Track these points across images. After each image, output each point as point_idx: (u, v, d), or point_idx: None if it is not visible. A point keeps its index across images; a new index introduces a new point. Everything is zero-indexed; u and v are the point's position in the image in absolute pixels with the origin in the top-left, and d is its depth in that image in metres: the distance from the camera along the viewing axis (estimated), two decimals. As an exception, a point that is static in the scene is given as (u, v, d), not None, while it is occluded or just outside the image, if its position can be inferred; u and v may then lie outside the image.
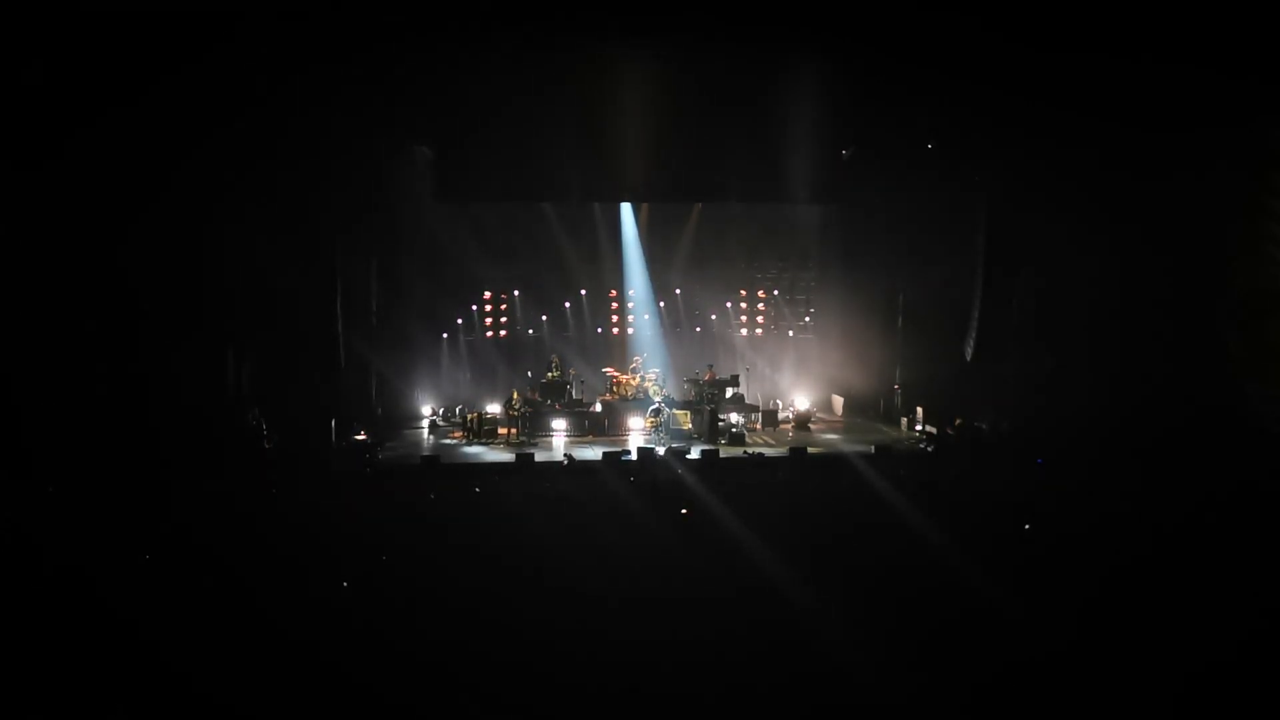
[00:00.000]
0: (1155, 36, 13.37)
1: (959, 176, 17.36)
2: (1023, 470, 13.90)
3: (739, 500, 11.59)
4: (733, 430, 17.33)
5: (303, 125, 14.96)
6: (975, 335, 17.40)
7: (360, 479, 14.01)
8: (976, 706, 6.61)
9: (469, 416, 17.79)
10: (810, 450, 15.89)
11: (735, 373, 19.03)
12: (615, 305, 21.45)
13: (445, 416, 18.99)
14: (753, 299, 21.96)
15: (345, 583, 8.62)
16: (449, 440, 17.61)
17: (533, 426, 17.61)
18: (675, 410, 17.72)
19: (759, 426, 18.61)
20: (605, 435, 17.62)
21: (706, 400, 17.92)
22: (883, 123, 17.18)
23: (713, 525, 10.86)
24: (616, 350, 20.96)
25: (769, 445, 16.80)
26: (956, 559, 9.26)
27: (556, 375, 18.68)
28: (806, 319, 21.99)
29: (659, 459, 14.88)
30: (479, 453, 16.39)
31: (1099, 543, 9.76)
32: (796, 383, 21.06)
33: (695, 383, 18.52)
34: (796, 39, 14.54)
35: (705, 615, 7.97)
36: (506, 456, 15.65)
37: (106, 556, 9.18)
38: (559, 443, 17.06)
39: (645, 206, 20.95)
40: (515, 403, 17.54)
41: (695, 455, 15.18)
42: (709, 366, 19.01)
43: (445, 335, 20.66)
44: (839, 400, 20.57)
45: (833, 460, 15.46)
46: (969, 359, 17.54)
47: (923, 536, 10.21)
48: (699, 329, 21.70)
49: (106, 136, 13.34)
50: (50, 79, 12.85)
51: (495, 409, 18.28)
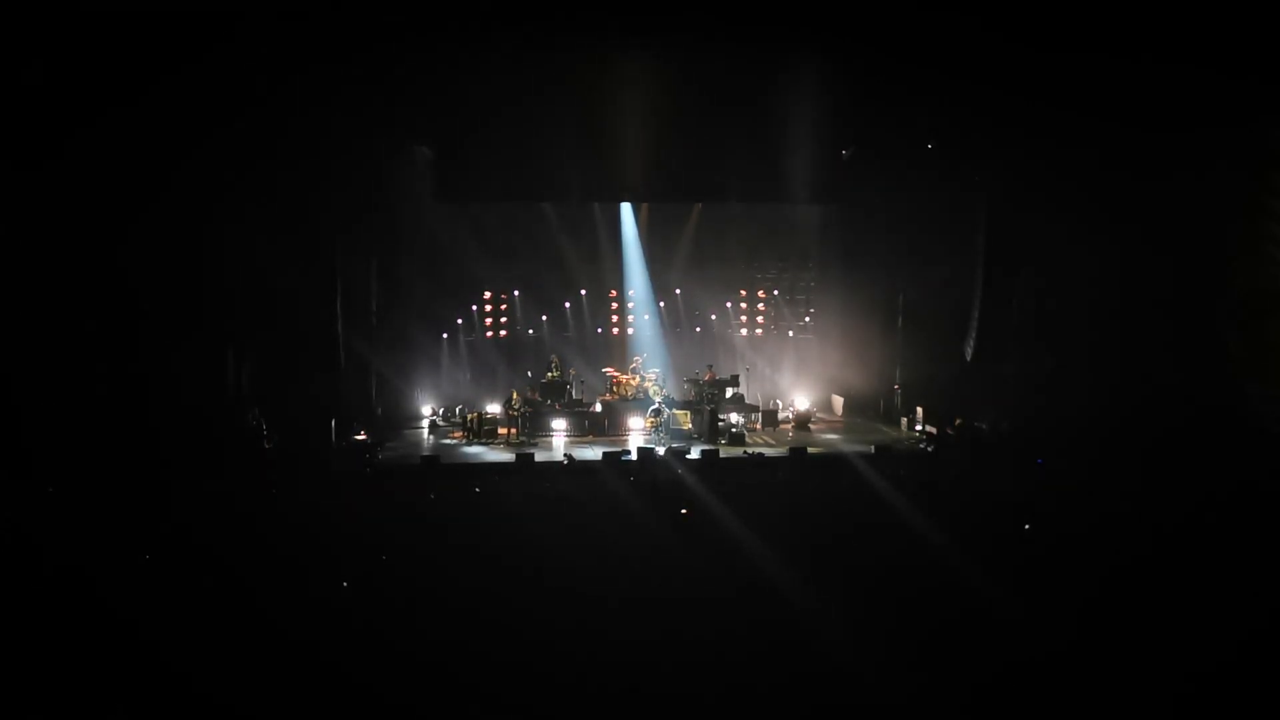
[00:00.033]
0: (1155, 36, 13.37)
1: (959, 176, 17.37)
2: (1023, 470, 13.90)
3: (739, 500, 11.59)
4: (733, 430, 17.33)
5: (303, 125, 14.96)
6: (975, 335, 17.41)
7: (360, 479, 14.01)
8: (976, 706, 6.61)
9: (469, 416, 17.79)
10: (810, 450, 15.88)
11: (735, 373, 19.03)
12: (615, 305, 21.45)
13: (445, 416, 18.99)
14: (753, 299, 21.96)
15: (345, 583, 8.62)
16: (449, 440, 17.60)
17: (533, 426, 17.61)
18: (675, 410, 17.72)
19: (759, 426, 18.61)
20: (605, 435, 17.61)
21: (706, 400, 17.91)
22: (883, 123, 17.17)
23: (713, 525, 10.86)
24: (616, 350, 20.96)
25: (769, 445, 16.79)
26: (956, 559, 9.27)
27: (556, 375, 18.68)
28: (806, 319, 21.98)
29: (659, 459, 14.88)
30: (479, 453, 16.39)
31: (1099, 543, 9.76)
32: (796, 383, 21.05)
33: (695, 383, 18.51)
34: (796, 39, 14.53)
35: (705, 615, 7.97)
36: (506, 456, 15.65)
37: (106, 556, 9.18)
38: (559, 443, 17.06)
39: (645, 206, 20.95)
40: (515, 403, 17.54)
41: (695, 455, 15.17)
42: (709, 366, 19.01)
43: (445, 335, 20.65)
44: (839, 400, 20.56)
45: (833, 460, 15.46)
46: (969, 359, 17.55)
47: (923, 536, 10.21)
48: (699, 329, 21.69)
49: (106, 136, 13.33)
50: (50, 79, 12.85)
51: (495, 409, 18.28)
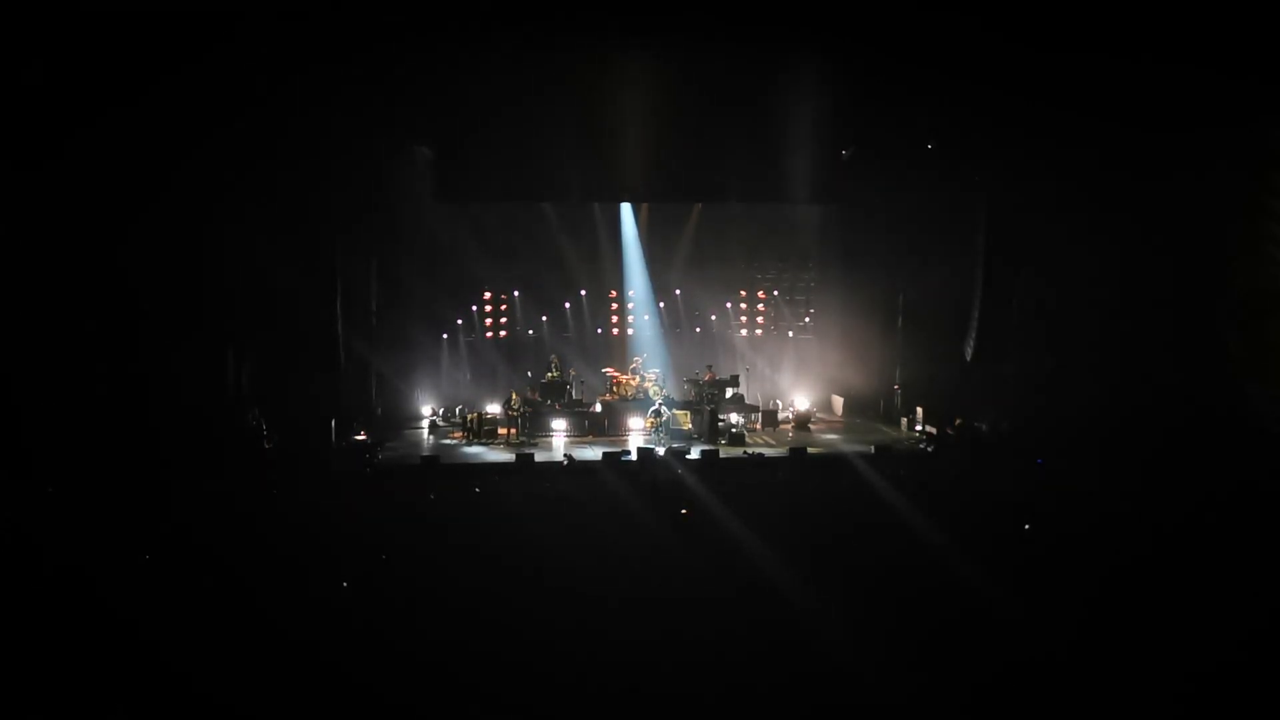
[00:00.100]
0: (1155, 36, 13.37)
1: (959, 176, 17.36)
2: (1023, 470, 13.90)
3: (739, 500, 11.60)
4: (733, 430, 17.33)
5: (303, 125, 14.96)
6: (975, 335, 17.41)
7: (360, 479, 14.01)
8: (976, 706, 6.61)
9: (469, 417, 17.78)
10: (810, 450, 15.89)
11: (735, 373, 19.03)
12: (615, 305, 21.44)
13: (445, 417, 18.98)
14: (753, 299, 21.94)
15: (345, 583, 8.62)
16: (449, 440, 17.60)
17: (533, 426, 17.61)
18: (675, 410, 17.71)
19: (759, 426, 18.61)
20: (605, 435, 17.60)
21: (706, 400, 17.90)
22: (883, 123, 17.15)
23: (713, 525, 10.86)
24: (616, 350, 20.94)
25: (769, 445, 16.79)
26: (956, 559, 9.27)
27: (556, 375, 18.67)
28: (806, 319, 21.96)
29: (659, 459, 14.88)
30: (479, 453, 16.38)
31: (1099, 543, 9.77)
32: (796, 383, 21.04)
33: (695, 383, 18.51)
34: (796, 39, 14.53)
35: (705, 615, 7.98)
36: (506, 457, 15.65)
37: (106, 556, 9.18)
38: (559, 443, 17.06)
39: (645, 206, 20.93)
40: (514, 403, 17.53)
41: (695, 455, 15.17)
42: (709, 367, 19.00)
43: (445, 335, 20.63)
44: (839, 400, 20.56)
45: (833, 460, 15.46)
46: (969, 359, 17.54)
47: (923, 537, 10.22)
48: (699, 329, 21.67)
49: (106, 136, 13.33)
50: (50, 79, 12.85)
51: (495, 409, 18.28)
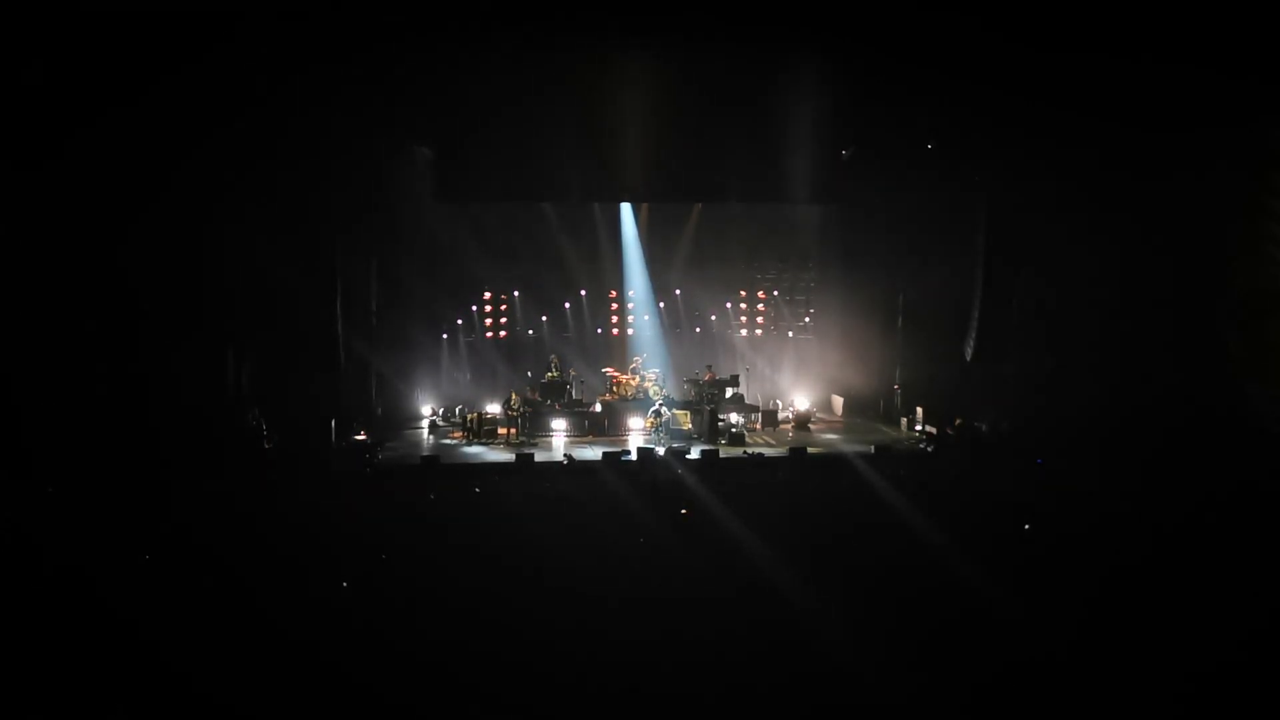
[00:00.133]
0: (1155, 36, 13.37)
1: (959, 176, 17.36)
2: (1022, 470, 13.90)
3: (739, 500, 11.60)
4: (733, 430, 17.33)
5: (303, 125, 14.95)
6: (975, 335, 17.40)
7: (360, 479, 14.01)
8: (976, 706, 6.61)
9: (469, 417, 17.78)
10: (810, 450, 15.88)
11: (735, 373, 19.03)
12: (615, 306, 21.44)
13: (445, 417, 18.97)
14: (752, 299, 21.94)
15: (345, 583, 8.62)
16: (449, 440, 17.59)
17: (532, 426, 17.61)
18: (675, 410, 17.71)
19: (759, 426, 18.60)
20: (605, 435, 17.60)
21: (706, 400, 17.91)
22: (883, 123, 17.15)
23: (713, 525, 10.86)
24: (616, 350, 20.94)
25: (769, 445, 16.79)
26: (956, 559, 9.27)
27: (556, 375, 18.67)
28: (806, 319, 21.96)
29: (659, 459, 14.88)
30: (479, 453, 16.38)
31: (1099, 543, 9.77)
32: (796, 383, 21.05)
33: (695, 383, 18.51)
34: (796, 39, 14.53)
35: (705, 615, 7.98)
36: (506, 456, 15.64)
37: (106, 556, 9.18)
38: (559, 443, 17.06)
39: (645, 206, 20.93)
40: (514, 403, 17.53)
41: (695, 455, 15.17)
42: (709, 367, 19.00)
43: (445, 335, 20.64)
44: (839, 400, 20.56)
45: (833, 460, 15.46)
46: (969, 359, 17.54)
47: (922, 537, 10.22)
48: (699, 329, 21.67)
49: (106, 136, 13.33)
50: (50, 79, 12.85)
51: (495, 409, 18.27)
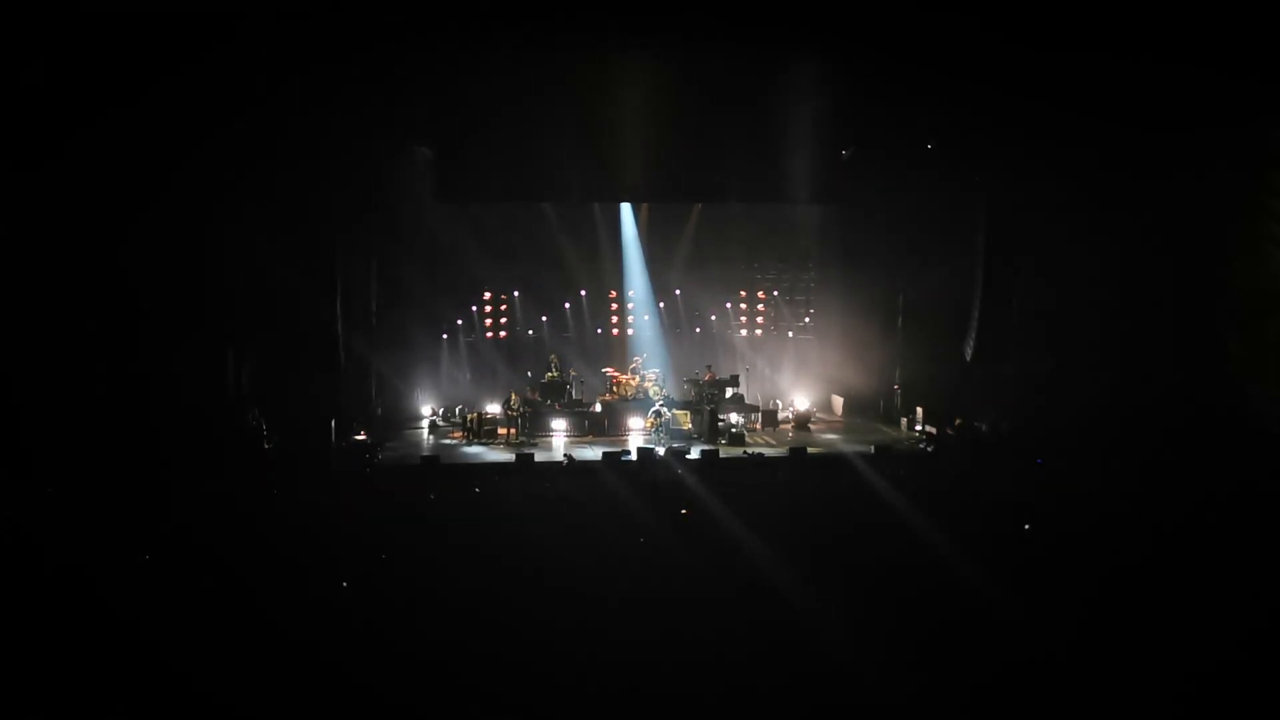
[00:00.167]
0: (1155, 36, 13.37)
1: (959, 176, 17.35)
2: (1022, 470, 13.90)
3: (739, 500, 11.60)
4: (733, 430, 17.33)
5: (303, 125, 14.95)
6: (975, 335, 17.40)
7: (360, 479, 14.01)
8: (976, 706, 6.61)
9: (469, 417, 17.77)
10: (810, 450, 15.88)
11: (735, 373, 19.03)
12: (615, 306, 21.43)
13: (445, 417, 18.97)
14: (752, 299, 21.93)
15: (345, 583, 8.62)
16: (449, 440, 17.59)
17: (533, 426, 17.61)
18: (675, 410, 17.71)
19: (759, 426, 18.60)
20: (605, 435, 17.60)
21: (706, 400, 17.91)
22: (883, 123, 17.15)
23: (713, 525, 10.86)
24: (616, 350, 20.94)
25: (769, 445, 16.79)
26: (956, 559, 9.27)
27: (556, 375, 18.67)
28: (806, 319, 21.96)
29: (659, 459, 14.88)
30: (479, 453, 16.38)
31: (1099, 543, 9.77)
32: (796, 383, 21.04)
33: (695, 383, 18.51)
34: (796, 39, 14.52)
35: (705, 615, 7.98)
36: (506, 457, 15.64)
37: (106, 556, 9.18)
38: (559, 443, 17.06)
39: (645, 206, 20.93)
40: (514, 403, 17.52)
41: (695, 455, 15.17)
42: (708, 367, 19.00)
43: (445, 335, 20.64)
44: (839, 400, 20.55)
45: (833, 460, 15.45)
46: (969, 359, 17.53)
47: (922, 537, 10.22)
48: (699, 329, 21.67)
49: (106, 136, 13.33)
50: (50, 79, 12.85)
51: (495, 409, 18.27)
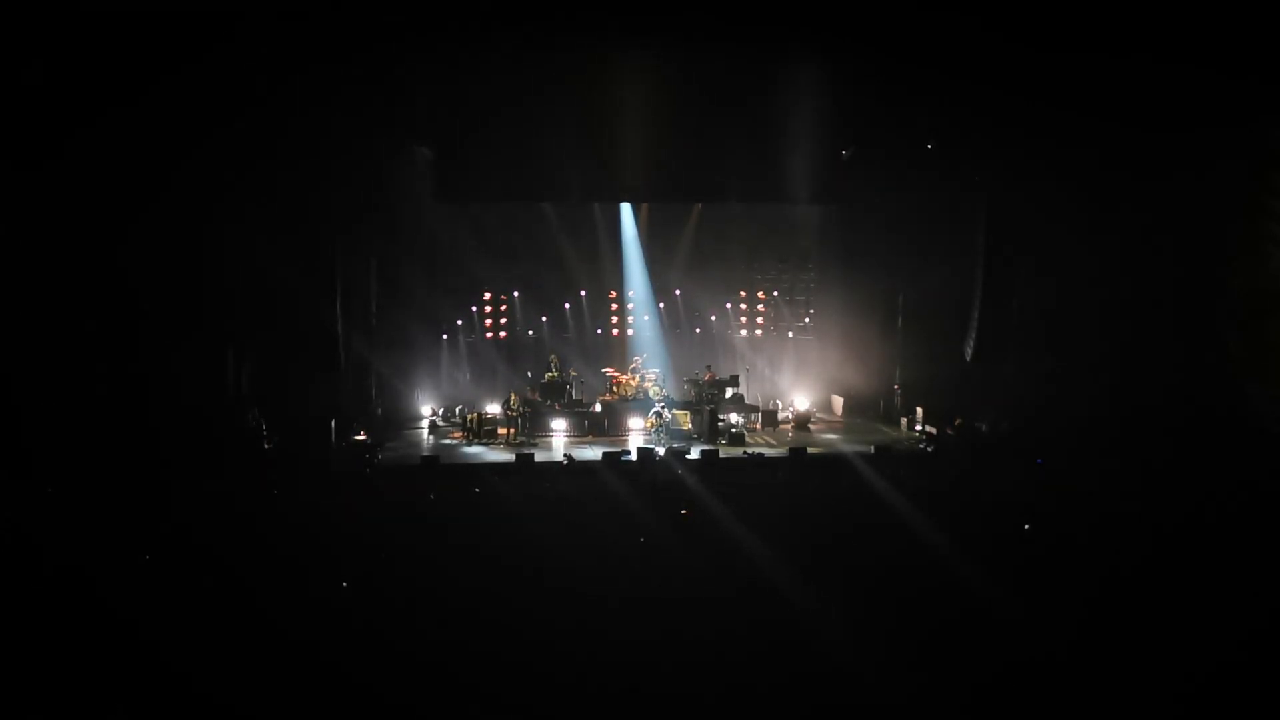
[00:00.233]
0: (1155, 37, 13.37)
1: (959, 176, 17.35)
2: (1022, 470, 13.89)
3: (739, 500, 11.60)
4: (733, 430, 17.33)
5: (303, 125, 14.95)
6: (975, 335, 17.39)
7: (360, 479, 14.00)
8: (976, 706, 6.61)
9: (469, 417, 17.77)
10: (810, 450, 15.87)
11: (735, 373, 19.03)
12: (615, 306, 21.43)
13: (445, 417, 18.97)
14: (752, 300, 21.93)
15: (345, 583, 8.62)
16: (449, 440, 17.59)
17: (532, 427, 17.60)
18: (675, 410, 17.71)
19: (759, 427, 18.59)
20: (605, 435, 17.59)
21: (706, 400, 17.91)
22: (883, 123, 17.16)
23: (713, 525, 10.86)
24: (616, 351, 20.94)
25: (769, 445, 16.78)
26: (956, 559, 9.28)
27: (556, 375, 18.67)
28: (806, 320, 21.95)
29: (659, 459, 14.88)
30: (479, 453, 16.38)
31: (1099, 543, 9.77)
32: (796, 383, 21.03)
33: (695, 383, 18.51)
34: (797, 39, 14.53)
35: (705, 615, 7.98)
36: (506, 457, 15.64)
37: (106, 556, 9.18)
38: (559, 443, 17.06)
39: (645, 207, 20.92)
40: (514, 403, 17.52)
41: (695, 455, 15.17)
42: (708, 367, 19.00)
43: (445, 335, 20.64)
44: (839, 400, 20.55)
45: (833, 460, 15.45)
46: (969, 359, 17.53)
47: (922, 537, 10.22)
48: (699, 330, 21.67)
49: (106, 136, 13.33)
50: (50, 79, 12.85)
51: (495, 409, 18.27)
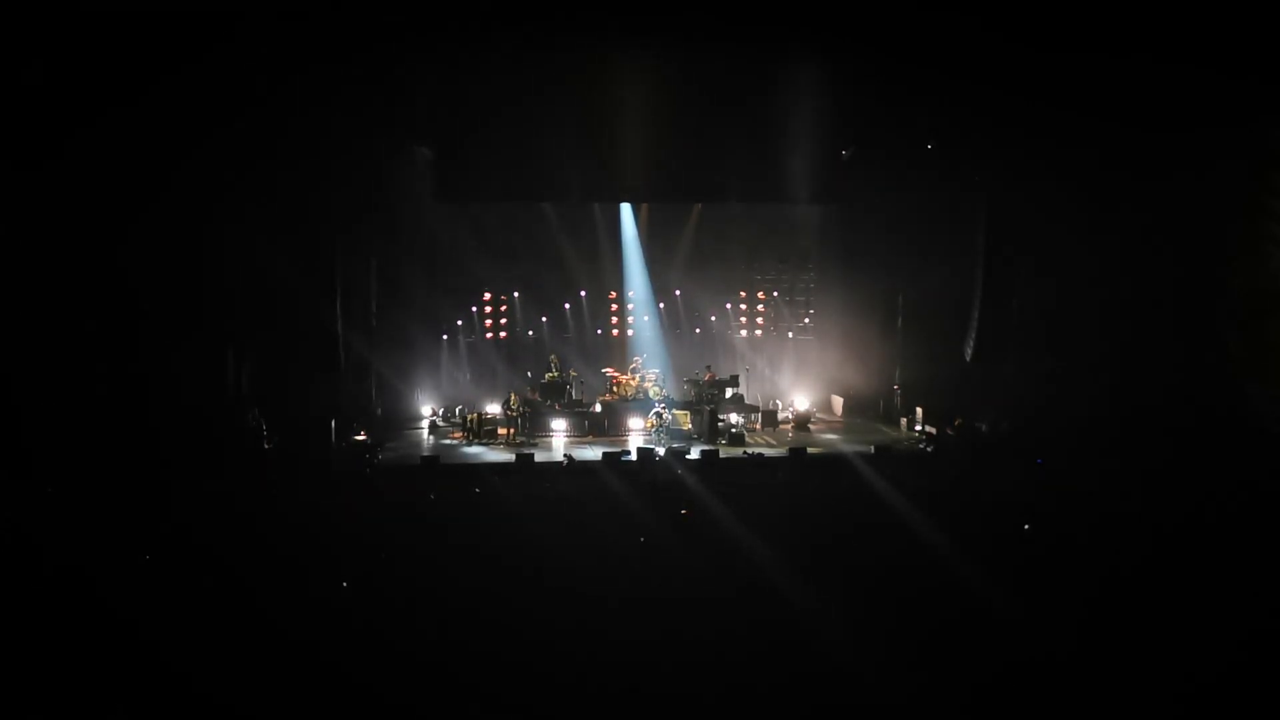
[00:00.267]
0: (1156, 37, 13.37)
1: (959, 176, 17.35)
2: (1022, 470, 13.89)
3: (739, 501, 11.60)
4: (732, 430, 17.33)
5: (303, 125, 14.96)
6: (975, 335, 17.39)
7: (360, 479, 14.00)
8: (976, 706, 6.61)
9: (469, 417, 17.77)
10: (810, 450, 15.87)
11: (735, 373, 19.03)
12: (615, 306, 21.43)
13: (445, 417, 18.97)
14: (752, 300, 21.93)
15: (345, 583, 8.62)
16: (449, 441, 17.59)
17: (532, 427, 17.60)
18: (675, 410, 17.71)
19: (759, 427, 18.59)
20: (605, 436, 17.59)
21: (706, 401, 17.91)
22: (883, 123, 17.16)
23: (713, 526, 10.86)
24: (616, 351, 20.94)
25: (769, 445, 16.78)
26: (956, 559, 9.28)
27: (556, 375, 18.66)
28: (806, 320, 21.95)
29: (659, 459, 14.87)
30: (479, 453, 16.38)
31: (1099, 543, 9.77)
32: (796, 383, 21.03)
33: (695, 383, 18.51)
34: (797, 39, 14.54)
35: (705, 615, 7.98)
36: (506, 457, 15.63)
37: (106, 556, 9.18)
38: (559, 443, 17.06)
39: (645, 207, 20.92)
40: (513, 403, 17.52)
41: (695, 455, 15.17)
42: (708, 367, 19.00)
43: (445, 336, 20.63)
44: (839, 400, 20.55)
45: (833, 460, 15.45)
46: (969, 359, 17.52)
47: (922, 537, 10.22)
48: (699, 330, 21.67)
49: (106, 136, 13.34)
50: (50, 79, 12.85)
51: (495, 409, 18.26)
